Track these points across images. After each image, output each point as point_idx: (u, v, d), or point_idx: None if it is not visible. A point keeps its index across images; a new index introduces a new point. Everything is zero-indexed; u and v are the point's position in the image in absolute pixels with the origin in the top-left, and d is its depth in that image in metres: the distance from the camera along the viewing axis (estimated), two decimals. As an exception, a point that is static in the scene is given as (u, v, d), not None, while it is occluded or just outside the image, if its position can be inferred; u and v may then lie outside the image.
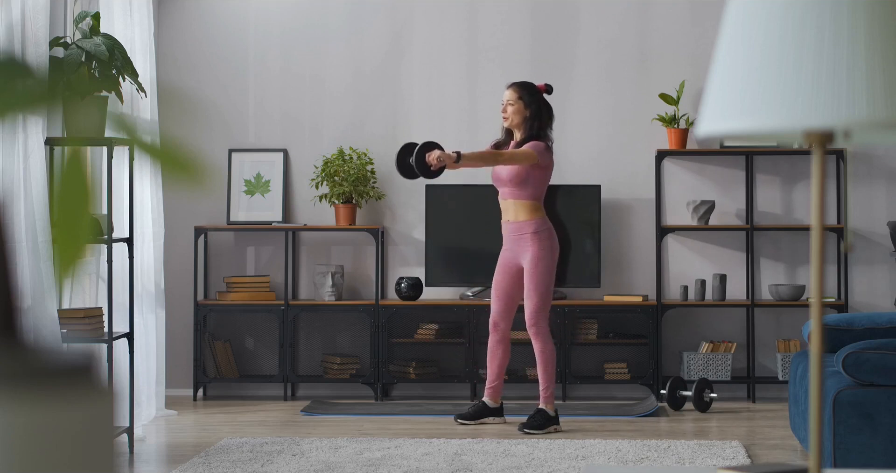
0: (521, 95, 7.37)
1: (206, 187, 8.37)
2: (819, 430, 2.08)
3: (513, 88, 7.40)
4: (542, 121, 7.36)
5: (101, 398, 1.24)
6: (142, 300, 7.45)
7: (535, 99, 7.37)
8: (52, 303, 5.97)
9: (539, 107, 7.36)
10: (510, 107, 7.37)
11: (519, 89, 7.38)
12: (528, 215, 7.30)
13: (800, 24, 2.00)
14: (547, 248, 7.29)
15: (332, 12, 8.66)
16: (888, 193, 8.47)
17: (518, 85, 7.41)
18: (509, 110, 7.37)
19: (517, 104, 7.36)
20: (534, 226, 7.29)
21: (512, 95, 7.38)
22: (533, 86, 7.41)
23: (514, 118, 7.36)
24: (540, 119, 7.35)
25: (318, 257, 8.71)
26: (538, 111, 7.35)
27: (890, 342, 5.55)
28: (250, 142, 8.71)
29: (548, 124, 7.37)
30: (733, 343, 8.39)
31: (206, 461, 6.31)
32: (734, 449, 6.59)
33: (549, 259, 7.29)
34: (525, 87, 7.40)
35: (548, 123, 7.37)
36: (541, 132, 7.34)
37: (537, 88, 7.41)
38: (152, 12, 7.76)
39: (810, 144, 2.07)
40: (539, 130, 7.34)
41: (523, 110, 7.36)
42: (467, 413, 7.49)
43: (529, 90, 7.38)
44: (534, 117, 7.35)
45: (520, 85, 7.41)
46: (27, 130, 5.96)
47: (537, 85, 7.43)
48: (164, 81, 8.53)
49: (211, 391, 8.67)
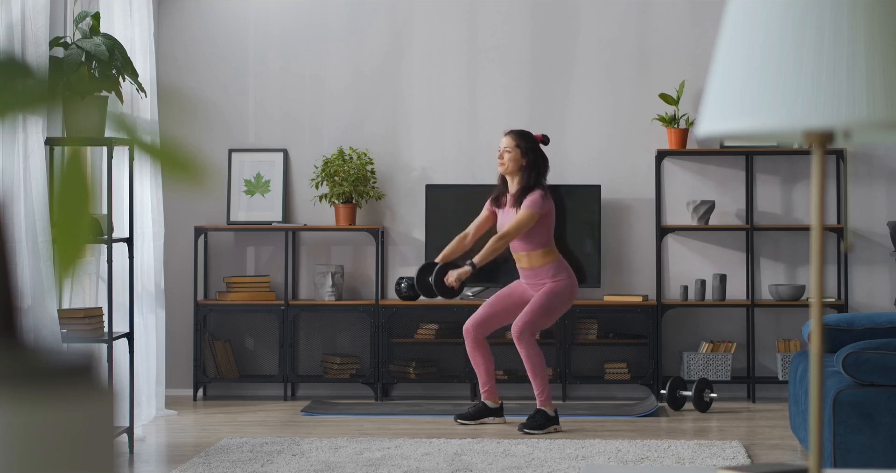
0: (519, 143, 7.39)
1: (206, 186, 8.37)
2: (819, 430, 2.08)
3: (511, 136, 7.42)
4: (539, 170, 7.37)
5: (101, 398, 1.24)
6: (142, 300, 7.45)
7: (532, 148, 7.39)
8: (52, 303, 5.97)
9: (536, 156, 7.38)
10: (507, 154, 7.38)
11: (516, 137, 7.40)
12: (541, 261, 7.36)
13: (800, 24, 2.00)
14: (565, 287, 7.35)
15: (332, 12, 8.66)
16: (888, 193, 8.47)
17: (516, 133, 7.43)
18: (506, 157, 7.38)
19: (514, 152, 7.37)
20: (551, 271, 7.35)
21: (510, 143, 7.39)
22: (530, 134, 7.44)
23: (511, 166, 7.38)
24: (536, 168, 7.37)
25: (318, 257, 8.71)
26: (535, 161, 7.37)
27: (890, 342, 5.55)
28: (250, 142, 8.71)
29: (543, 174, 7.39)
30: (733, 343, 8.39)
31: (206, 461, 6.31)
32: (734, 449, 6.59)
33: (563, 295, 7.34)
34: (523, 135, 7.41)
35: (543, 172, 7.39)
36: (537, 181, 7.35)
37: (534, 137, 7.43)
38: (152, 12, 7.76)
39: (810, 144, 2.07)
40: (535, 179, 7.35)
41: (520, 158, 7.38)
42: (467, 413, 7.49)
43: (527, 138, 7.40)
44: (530, 167, 7.36)
45: (517, 133, 7.43)
46: (27, 130, 5.96)
47: (534, 135, 7.46)
48: (164, 81, 8.53)
49: (211, 391, 8.67)
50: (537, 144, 7.42)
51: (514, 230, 7.25)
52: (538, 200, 7.27)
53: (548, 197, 7.33)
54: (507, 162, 7.38)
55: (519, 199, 7.32)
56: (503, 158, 7.39)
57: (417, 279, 7.38)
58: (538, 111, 8.59)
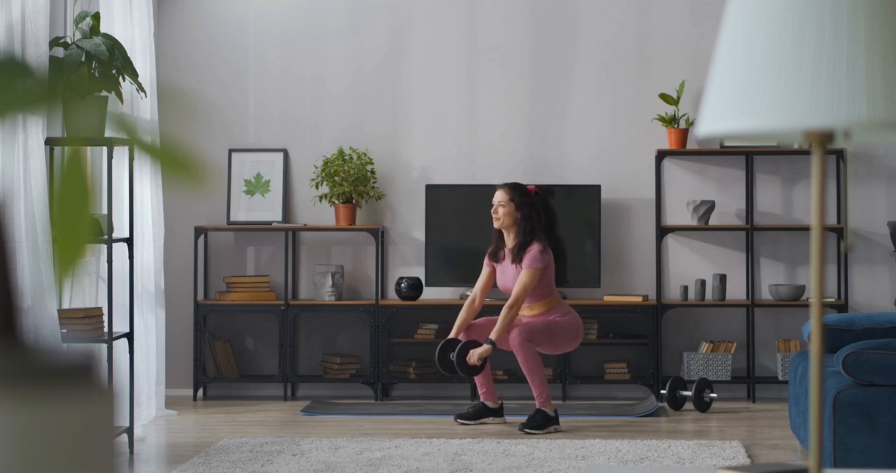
0: (512, 196, 7.40)
1: (206, 186, 8.37)
2: (819, 430, 2.08)
3: (504, 190, 7.43)
4: (534, 223, 7.37)
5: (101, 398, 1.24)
6: (142, 300, 7.45)
7: (526, 201, 7.40)
8: (52, 303, 5.97)
9: (530, 209, 7.38)
10: (501, 208, 7.39)
11: (510, 191, 7.41)
12: (545, 308, 7.43)
13: (800, 24, 2.00)
14: (570, 323, 7.41)
15: (332, 12, 8.66)
16: (888, 193, 8.47)
17: (509, 186, 7.44)
18: (500, 212, 7.40)
19: (508, 206, 7.39)
20: (557, 313, 7.43)
21: (503, 197, 7.40)
22: (524, 187, 7.45)
23: (506, 220, 7.40)
24: (531, 221, 7.37)
25: (318, 257, 8.71)
26: (529, 214, 7.37)
27: (890, 342, 5.55)
28: (250, 142, 8.71)
29: (538, 226, 7.39)
30: (733, 343, 8.39)
31: (206, 461, 6.31)
32: (734, 449, 6.59)
33: (566, 329, 7.40)
34: (516, 188, 7.43)
35: (538, 224, 7.39)
36: (533, 235, 7.36)
37: (528, 190, 7.43)
38: (152, 12, 7.76)
39: (810, 144, 2.07)
40: (531, 232, 7.36)
41: (514, 212, 7.39)
42: (467, 413, 7.49)
43: (520, 191, 7.42)
44: (525, 220, 7.37)
45: (510, 187, 7.44)
46: (27, 130, 5.96)
47: (527, 187, 7.47)
48: (164, 81, 8.53)
49: (211, 391, 8.67)
50: (531, 196, 7.44)
51: (522, 294, 7.29)
52: (537, 256, 7.29)
53: (546, 250, 7.35)
54: (501, 217, 7.40)
55: (517, 254, 7.35)
56: (497, 213, 7.40)
57: (439, 357, 7.42)
58: (538, 111, 8.59)
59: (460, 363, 7.36)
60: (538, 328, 7.32)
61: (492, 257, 7.53)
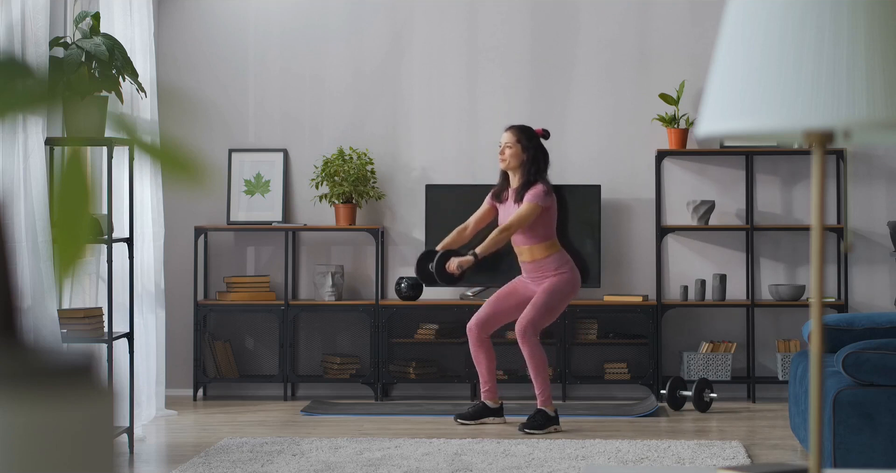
0: (520, 138, 7.37)
1: (206, 186, 8.37)
2: (819, 430, 2.08)
3: (511, 131, 7.40)
4: (540, 165, 7.36)
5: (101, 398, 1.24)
6: (142, 300, 7.45)
7: (533, 144, 7.37)
8: (52, 303, 5.97)
9: (536, 152, 7.36)
10: (508, 149, 7.37)
11: (517, 132, 7.39)
12: (544, 253, 7.34)
13: (800, 24, 2.00)
14: (568, 281, 7.32)
15: (332, 12, 8.66)
16: (888, 193, 8.47)
17: (516, 128, 7.42)
18: (507, 153, 7.37)
19: (515, 147, 7.36)
20: (555, 263, 7.33)
21: (510, 138, 7.38)
22: (531, 129, 7.42)
23: (512, 161, 7.37)
24: (537, 164, 7.35)
25: (318, 257, 8.71)
26: (535, 155, 7.35)
27: (890, 342, 5.55)
28: (250, 142, 8.71)
29: (544, 168, 7.38)
30: (733, 343, 8.39)
31: (206, 461, 6.31)
32: (734, 449, 6.59)
33: (566, 291, 7.32)
34: (523, 130, 7.40)
35: (544, 167, 7.38)
36: (538, 176, 7.34)
37: (535, 132, 7.42)
38: (152, 12, 7.76)
39: (810, 144, 2.07)
40: (536, 174, 7.34)
41: (521, 154, 7.36)
42: (467, 413, 7.49)
43: (527, 134, 7.39)
44: (531, 162, 7.35)
45: (518, 128, 7.41)
46: (27, 130, 5.96)
47: (535, 129, 7.45)
48: (164, 81, 8.53)
49: (211, 391, 8.67)
50: (538, 138, 7.42)
51: (517, 223, 7.24)
52: (540, 193, 7.27)
53: (550, 192, 7.32)
54: (507, 158, 7.37)
55: (521, 193, 7.32)
56: (504, 154, 7.38)
57: (418, 266, 7.35)
58: (538, 111, 8.59)
59: (439, 270, 7.29)
60: (540, 313, 7.27)
61: (495, 197, 7.48)
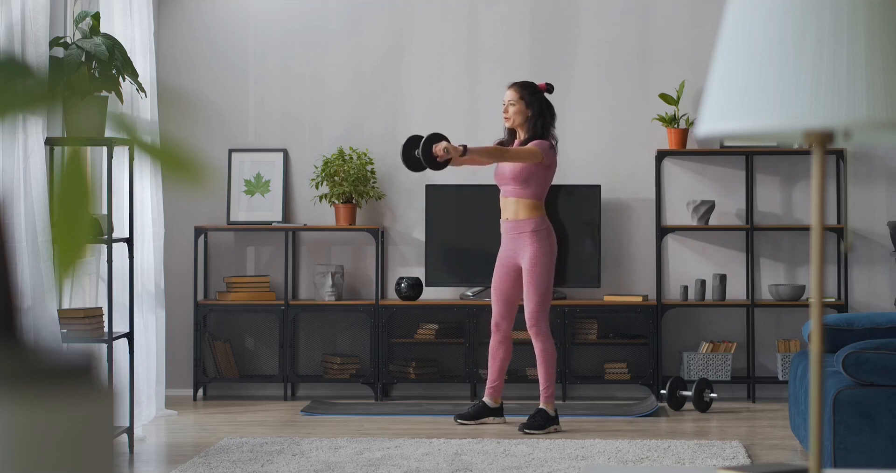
0: (522, 94, 7.35)
1: (206, 186, 8.37)
2: (819, 430, 2.08)
3: (513, 88, 7.38)
4: (546, 120, 7.34)
5: (101, 398, 1.24)
6: (142, 300, 7.45)
7: (537, 98, 7.35)
8: (52, 303, 5.97)
9: (541, 106, 7.34)
10: (511, 107, 7.35)
11: (520, 89, 7.37)
12: (527, 214, 7.29)
13: (800, 24, 2.00)
14: (545, 247, 7.28)
15: (332, 12, 8.66)
16: (888, 193, 8.47)
17: (518, 85, 7.39)
18: (511, 111, 7.35)
19: (518, 104, 7.34)
20: (532, 225, 7.28)
21: (513, 95, 7.36)
22: (534, 85, 7.40)
23: (516, 118, 7.35)
24: (543, 118, 7.34)
25: (318, 257, 8.71)
26: (540, 111, 7.33)
27: (890, 342, 5.55)
28: (250, 142, 8.71)
29: (551, 123, 7.36)
30: (733, 343, 8.39)
31: (206, 461, 6.31)
32: (734, 449, 6.59)
33: (548, 259, 7.28)
34: (526, 86, 7.38)
35: (550, 121, 7.36)
36: (544, 131, 7.33)
37: (538, 88, 7.39)
38: (152, 12, 7.76)
39: (810, 144, 2.07)
40: (542, 128, 7.32)
41: (525, 110, 7.34)
42: (467, 413, 7.49)
43: (530, 90, 7.37)
44: (536, 117, 7.33)
45: (520, 85, 7.39)
46: (27, 130, 5.96)
47: (538, 84, 7.42)
48: (164, 80, 8.54)
49: (211, 391, 8.67)
50: (542, 93, 7.39)
51: (514, 154, 7.17)
52: (546, 147, 7.26)
53: (554, 148, 7.31)
54: (511, 115, 7.36)
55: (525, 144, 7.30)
56: (507, 112, 7.36)
57: (403, 153, 7.21)
58: (538, 111, 8.58)
59: (425, 153, 7.19)
60: (539, 292, 7.24)
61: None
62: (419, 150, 7.17)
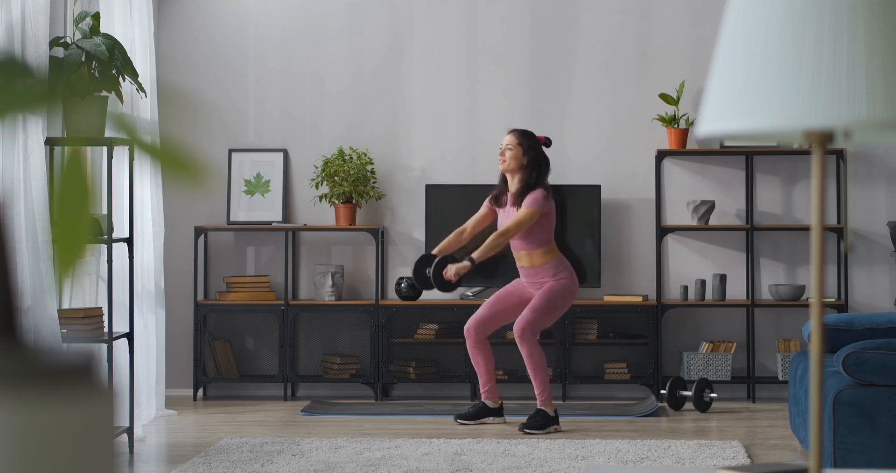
0: (521, 141, 7.37)
1: (206, 186, 8.37)
2: (819, 430, 2.08)
3: (513, 134, 7.40)
4: (540, 171, 7.36)
5: (101, 398, 1.24)
6: (142, 300, 7.45)
7: (534, 147, 7.37)
8: (52, 303, 5.97)
9: (537, 156, 7.36)
10: (508, 151, 7.37)
11: (519, 135, 7.39)
12: (542, 260, 7.34)
13: (800, 24, 2.00)
14: (566, 286, 7.33)
15: (332, 12, 8.66)
16: (888, 193, 8.47)
17: (518, 131, 7.42)
18: (507, 155, 7.37)
19: (516, 149, 7.36)
20: (552, 269, 7.33)
21: (512, 140, 7.38)
22: (532, 134, 7.43)
23: (512, 164, 7.37)
24: (538, 169, 7.35)
25: (318, 257, 8.71)
26: (536, 161, 7.35)
27: (890, 342, 5.55)
28: (250, 142, 8.71)
29: (545, 174, 7.38)
30: (733, 343, 8.39)
31: (206, 461, 6.31)
32: (734, 449, 6.59)
33: (564, 295, 7.32)
34: (525, 134, 7.41)
35: (545, 172, 7.38)
36: (538, 181, 7.34)
37: (536, 137, 7.42)
38: (152, 12, 7.76)
39: (810, 144, 2.07)
40: (537, 179, 7.34)
41: (521, 157, 7.36)
42: (467, 413, 7.49)
43: (529, 137, 7.39)
44: (532, 166, 7.35)
45: (520, 131, 7.42)
46: (27, 130, 5.96)
47: (537, 136, 7.45)
48: (164, 80, 8.54)
49: (211, 391, 8.67)
50: (539, 143, 7.42)
51: (515, 228, 7.23)
52: (540, 198, 7.26)
53: (549, 197, 7.32)
54: (508, 160, 7.37)
55: (520, 197, 7.31)
56: (504, 156, 7.38)
57: (415, 271, 7.34)
58: (538, 111, 8.59)
59: (436, 277, 7.27)
60: (539, 314, 7.28)
61: (493, 201, 7.47)
62: (430, 269, 7.28)
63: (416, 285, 7.37)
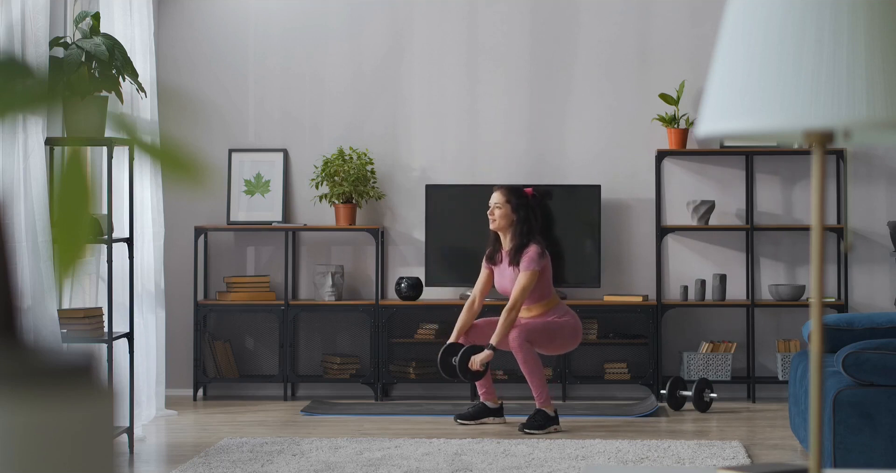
0: (509, 198, 7.39)
1: (206, 186, 8.37)
2: (819, 430, 2.08)
3: (500, 192, 7.42)
4: (531, 225, 7.36)
5: (101, 398, 1.24)
6: (142, 300, 7.45)
7: (523, 203, 7.38)
8: (52, 303, 5.97)
9: (527, 211, 7.37)
10: (497, 210, 7.38)
11: (506, 193, 7.40)
12: (544, 310, 7.41)
13: (800, 24, 2.00)
14: (568, 322, 7.40)
15: (332, 12, 8.66)
16: (888, 193, 8.47)
17: (505, 188, 7.43)
18: (497, 214, 7.39)
19: (504, 207, 7.37)
20: (555, 315, 7.41)
21: (499, 199, 7.40)
22: (520, 190, 7.44)
23: (502, 222, 7.39)
24: (528, 223, 7.35)
25: (318, 257, 8.71)
26: (526, 216, 7.36)
27: (890, 342, 5.55)
28: (250, 142, 8.71)
29: (536, 228, 7.38)
30: (733, 343, 8.38)
31: (206, 461, 6.31)
32: (734, 449, 6.59)
33: (565, 329, 7.38)
34: (512, 190, 7.42)
35: (536, 226, 7.39)
36: (530, 237, 7.34)
37: (524, 192, 7.43)
38: (152, 12, 7.76)
39: (810, 144, 2.07)
40: (528, 234, 7.34)
41: (510, 214, 7.38)
42: (467, 413, 7.49)
43: (517, 193, 7.40)
44: (522, 222, 7.36)
45: (507, 189, 7.43)
46: (27, 130, 5.96)
47: (524, 190, 7.46)
48: (164, 80, 8.53)
49: (211, 391, 8.67)
50: (528, 198, 7.42)
51: (521, 297, 7.27)
52: (535, 257, 7.28)
53: (544, 252, 7.34)
54: (497, 219, 7.39)
55: (514, 256, 7.34)
56: (494, 215, 7.39)
57: (441, 362, 7.39)
58: (538, 111, 8.59)
59: (462, 369, 7.36)
60: (537, 328, 7.32)
61: (489, 260, 7.52)
62: (457, 359, 7.34)
63: (443, 374, 7.42)
